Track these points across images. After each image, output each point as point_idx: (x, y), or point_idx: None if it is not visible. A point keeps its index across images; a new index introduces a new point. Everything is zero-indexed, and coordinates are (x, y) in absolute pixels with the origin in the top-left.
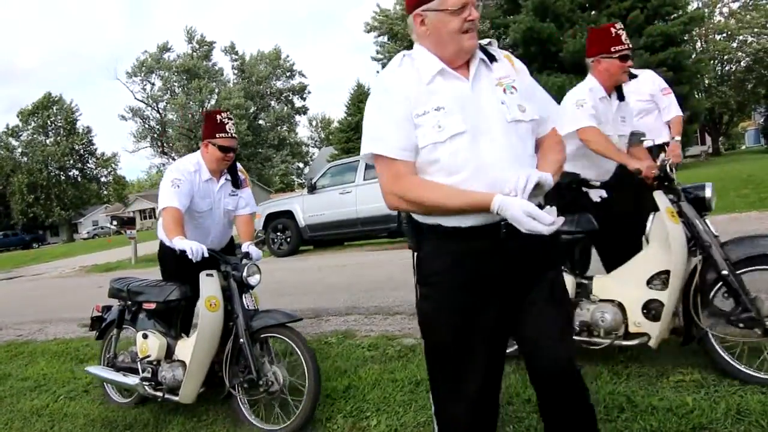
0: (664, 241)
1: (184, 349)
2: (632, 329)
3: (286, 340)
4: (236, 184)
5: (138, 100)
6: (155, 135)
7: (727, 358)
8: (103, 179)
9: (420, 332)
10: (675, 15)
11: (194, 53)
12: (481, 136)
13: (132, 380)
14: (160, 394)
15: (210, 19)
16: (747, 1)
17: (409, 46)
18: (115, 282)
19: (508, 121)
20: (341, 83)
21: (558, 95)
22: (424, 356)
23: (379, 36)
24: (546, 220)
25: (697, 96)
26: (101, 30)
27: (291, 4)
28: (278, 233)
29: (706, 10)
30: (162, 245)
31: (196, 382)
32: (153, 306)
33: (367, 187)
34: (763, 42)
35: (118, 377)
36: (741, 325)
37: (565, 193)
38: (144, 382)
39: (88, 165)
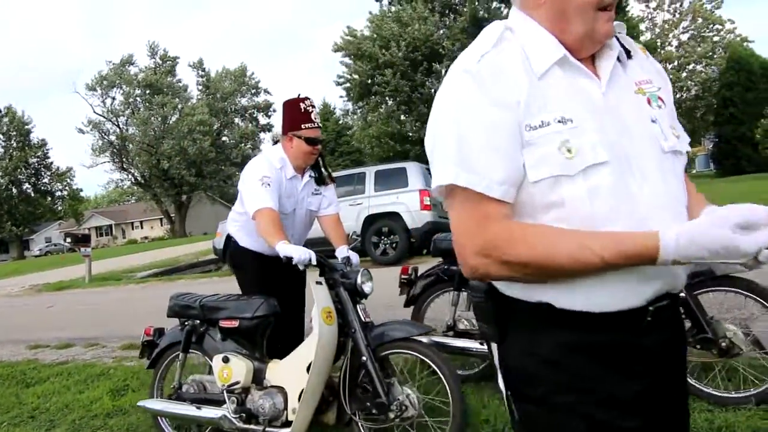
0: None
1: (280, 372)
2: None
3: (420, 356)
4: (322, 180)
5: (97, 114)
6: (115, 150)
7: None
8: (57, 194)
9: None
10: None
11: (157, 68)
12: (629, 171)
13: (212, 413)
14: (255, 427)
15: (175, 35)
16: (695, 32)
17: (375, 68)
18: (180, 298)
19: (665, 151)
20: None
21: None
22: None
23: (345, 56)
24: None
25: None
26: (62, 43)
27: (259, 23)
28: None
29: (658, 40)
30: (238, 251)
31: (310, 408)
32: (236, 324)
33: None
34: (710, 72)
35: (190, 411)
36: (698, 346)
37: None
38: (233, 415)
39: (43, 179)
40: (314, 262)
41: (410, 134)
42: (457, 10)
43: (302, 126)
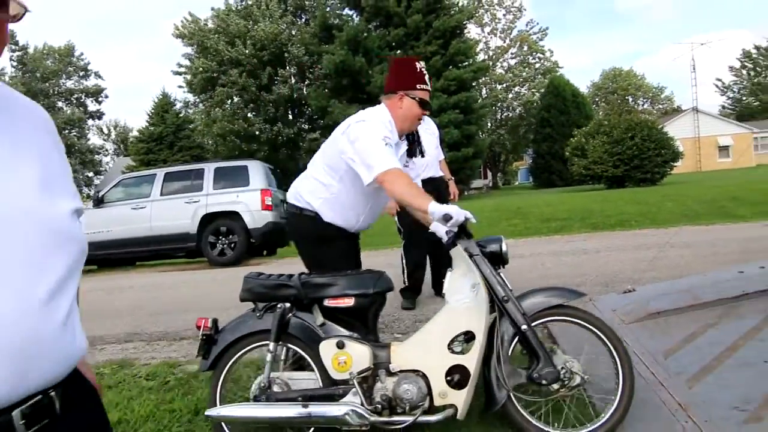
0: None
1: (410, 354)
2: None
3: (581, 323)
4: (413, 152)
5: None
6: None
7: None
8: None
9: None
10: (466, 63)
11: None
12: None
13: (332, 410)
14: (402, 418)
15: None
16: (522, 59)
17: (221, 63)
18: (263, 278)
19: None
20: (145, 90)
21: None
22: (206, 382)
23: (187, 45)
24: None
25: (481, 136)
26: None
27: (95, 1)
28: None
29: (490, 62)
30: (323, 225)
31: (472, 389)
32: (350, 302)
33: (164, 203)
34: (530, 95)
35: (298, 411)
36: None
37: None
38: (366, 407)
39: None
40: (473, 220)
41: (258, 134)
42: (308, 12)
43: (417, 86)
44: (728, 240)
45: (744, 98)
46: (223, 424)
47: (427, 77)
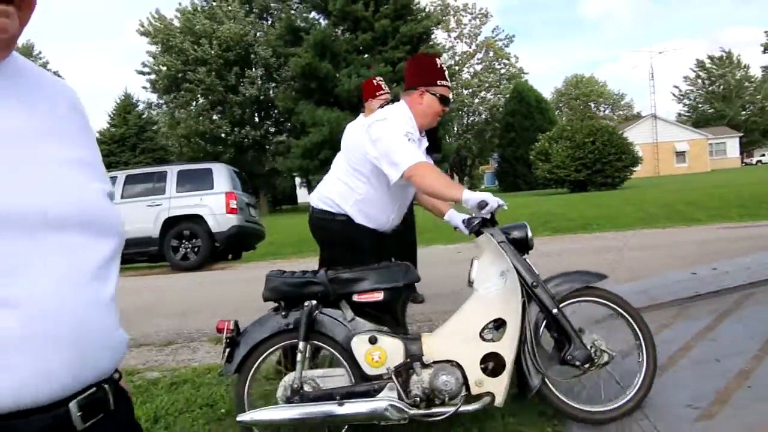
0: None
1: (443, 344)
2: None
3: (605, 302)
4: (435, 148)
5: None
6: None
7: None
8: None
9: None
10: None
11: None
12: None
13: (370, 406)
14: (443, 409)
15: None
16: (487, 64)
17: (186, 62)
18: (288, 276)
19: None
20: (106, 91)
21: (335, 129)
22: (165, 389)
23: (152, 44)
24: None
25: (448, 140)
26: None
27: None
28: None
29: (456, 67)
30: (354, 228)
31: (509, 375)
32: (380, 296)
33: (125, 206)
34: (495, 100)
35: (334, 409)
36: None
37: None
38: (406, 401)
39: None
40: (506, 207)
41: (224, 136)
42: (273, 14)
43: (438, 82)
44: (683, 242)
45: (700, 105)
46: (254, 428)
47: (447, 73)
